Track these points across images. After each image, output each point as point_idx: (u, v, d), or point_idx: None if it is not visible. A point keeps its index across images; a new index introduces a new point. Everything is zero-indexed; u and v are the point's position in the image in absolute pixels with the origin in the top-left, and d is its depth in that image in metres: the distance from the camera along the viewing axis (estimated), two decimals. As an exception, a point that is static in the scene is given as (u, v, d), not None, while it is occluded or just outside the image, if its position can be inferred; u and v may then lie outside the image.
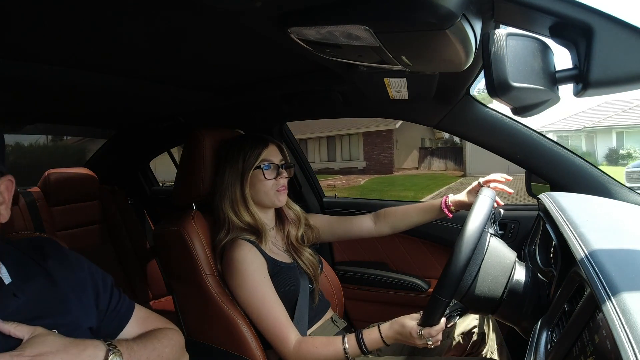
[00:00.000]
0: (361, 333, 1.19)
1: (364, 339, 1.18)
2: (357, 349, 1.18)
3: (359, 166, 18.24)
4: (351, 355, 1.18)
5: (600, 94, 0.64)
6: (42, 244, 0.86)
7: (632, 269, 0.69)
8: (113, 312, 0.90)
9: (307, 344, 1.20)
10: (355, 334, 1.20)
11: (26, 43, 0.96)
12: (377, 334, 1.19)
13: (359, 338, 1.18)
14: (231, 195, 1.30)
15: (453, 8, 0.61)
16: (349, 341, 1.19)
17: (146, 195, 2.78)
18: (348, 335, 1.20)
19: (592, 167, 1.33)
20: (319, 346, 1.20)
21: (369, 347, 1.18)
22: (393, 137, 17.71)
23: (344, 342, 1.18)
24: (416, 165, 19.28)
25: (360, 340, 1.18)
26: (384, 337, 1.18)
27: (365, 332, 1.20)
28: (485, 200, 1.08)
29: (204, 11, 0.80)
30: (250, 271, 1.22)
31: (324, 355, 1.19)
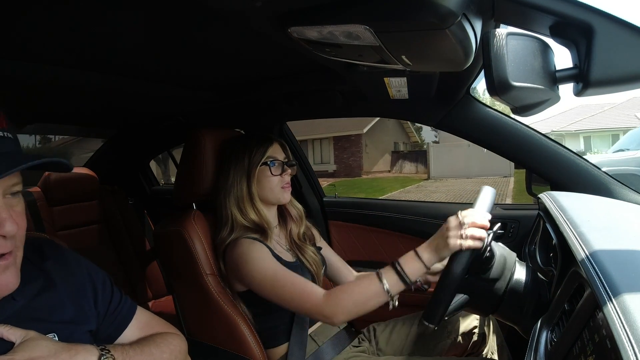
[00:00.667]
0: (398, 262, 1.10)
1: (402, 265, 1.09)
2: (396, 280, 1.08)
3: (329, 169, 18.77)
4: (392, 289, 1.08)
5: (601, 93, 0.64)
6: (41, 245, 0.86)
7: (633, 269, 0.69)
8: (113, 313, 0.89)
9: (338, 289, 1.15)
10: (391, 264, 1.10)
11: (26, 43, 0.96)
12: (411, 252, 1.10)
13: (395, 266, 1.09)
14: (237, 193, 1.30)
15: (453, 7, 0.61)
16: (386, 275, 1.09)
17: (146, 195, 2.77)
18: (383, 269, 1.11)
19: (593, 166, 1.33)
20: (352, 287, 1.13)
21: (410, 275, 1.08)
22: (362, 141, 18.39)
23: (381, 277, 1.09)
24: (388, 168, 19.78)
25: (398, 267, 1.09)
26: (418, 250, 1.09)
27: (400, 259, 1.10)
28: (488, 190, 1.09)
29: (204, 11, 0.80)
30: (257, 256, 1.22)
31: (361, 294, 1.11)
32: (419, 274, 1.09)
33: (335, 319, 1.12)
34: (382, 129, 19.38)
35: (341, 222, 1.94)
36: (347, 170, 18.39)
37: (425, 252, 1.08)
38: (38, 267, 0.80)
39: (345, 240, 1.92)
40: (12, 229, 0.67)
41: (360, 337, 1.44)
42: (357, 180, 16.74)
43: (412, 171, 18.92)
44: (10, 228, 0.67)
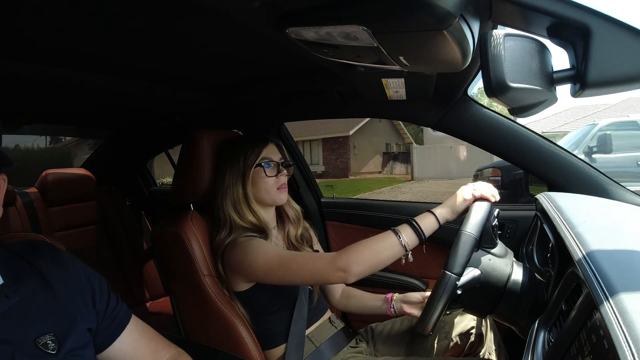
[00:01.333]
0: (414, 219, 1.15)
1: (417, 221, 1.14)
2: (413, 234, 1.13)
3: (318, 170, 18.95)
4: (410, 243, 1.12)
5: (598, 94, 0.64)
6: (37, 245, 0.85)
7: (630, 269, 0.69)
8: (110, 316, 0.88)
9: (352, 245, 1.14)
10: (407, 221, 1.15)
11: (23, 43, 0.95)
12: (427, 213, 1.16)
13: (411, 222, 1.14)
14: (233, 195, 1.30)
15: (451, 9, 0.61)
16: (402, 230, 1.13)
17: (144, 195, 2.77)
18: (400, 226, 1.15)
19: (590, 167, 1.33)
20: (367, 241, 1.14)
21: (425, 229, 1.13)
22: (349, 143, 18.58)
23: (397, 231, 1.13)
24: (379, 169, 19.99)
25: (414, 224, 1.13)
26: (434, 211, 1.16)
27: (417, 218, 1.16)
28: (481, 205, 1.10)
29: (202, 11, 0.80)
30: (255, 245, 1.22)
31: (376, 248, 1.13)
32: (432, 230, 1.15)
33: (350, 269, 1.09)
34: (372, 131, 19.60)
35: (339, 223, 1.94)
36: (335, 171, 18.58)
37: (439, 209, 1.16)
38: (32, 265, 0.80)
39: (343, 241, 1.92)
40: None
41: (358, 338, 1.44)
42: (340, 181, 16.89)
43: (403, 172, 19.07)
44: None
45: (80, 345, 0.79)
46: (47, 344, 0.74)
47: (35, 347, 0.73)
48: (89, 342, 0.83)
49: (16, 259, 0.80)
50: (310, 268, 1.15)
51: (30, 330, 0.74)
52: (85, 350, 0.80)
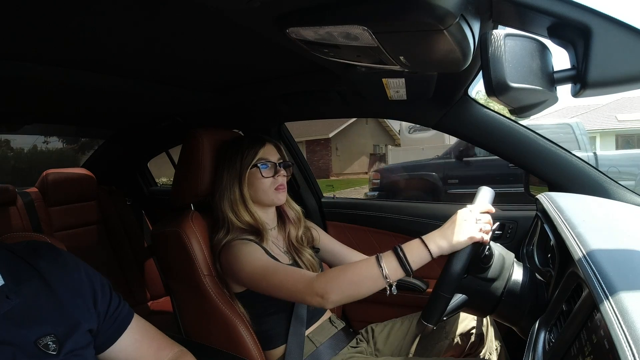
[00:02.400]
0: (400, 246, 1.03)
1: (404, 251, 1.02)
2: (397, 266, 1.01)
3: None
4: (391, 274, 1.01)
5: (598, 94, 0.64)
6: (39, 246, 0.85)
7: (630, 269, 0.69)
8: (112, 316, 0.89)
9: (333, 269, 1.10)
10: (393, 249, 1.04)
11: (24, 43, 0.95)
12: (417, 240, 1.03)
13: (397, 251, 1.02)
14: (230, 196, 1.30)
15: (451, 8, 0.61)
16: (385, 260, 1.02)
17: (144, 195, 2.77)
18: (384, 254, 1.04)
19: (590, 167, 1.33)
20: (348, 268, 1.07)
21: (413, 263, 1.01)
22: (330, 145, 18.74)
23: (380, 260, 1.02)
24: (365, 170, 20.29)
25: (400, 253, 1.02)
26: (425, 239, 1.03)
27: (404, 245, 1.03)
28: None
29: (202, 11, 0.80)
30: (246, 252, 1.22)
31: (356, 276, 1.04)
32: (422, 263, 1.02)
33: (327, 297, 1.04)
34: (357, 132, 19.81)
35: (339, 223, 1.94)
36: (317, 172, 18.80)
37: (434, 241, 1.02)
38: (33, 267, 0.80)
39: (343, 241, 1.90)
40: None
41: (358, 338, 1.44)
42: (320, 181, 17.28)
43: (388, 172, 19.33)
44: None
45: (80, 346, 0.79)
46: (48, 344, 0.74)
47: (36, 348, 0.73)
48: (90, 342, 0.83)
49: (17, 260, 0.80)
50: (289, 286, 1.10)
51: (31, 332, 0.74)
52: (85, 350, 0.80)
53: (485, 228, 1.02)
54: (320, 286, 1.05)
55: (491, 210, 1.07)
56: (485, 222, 1.03)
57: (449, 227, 1.03)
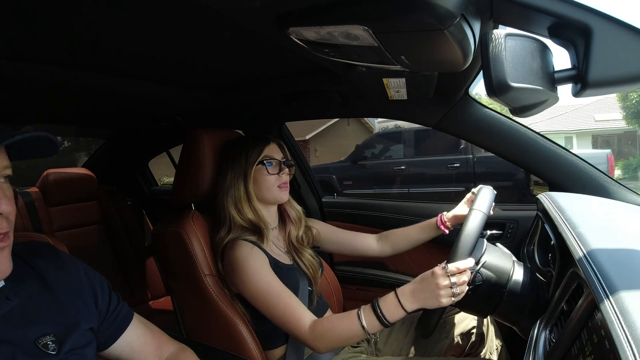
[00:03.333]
0: (378, 303, 1.09)
1: (382, 309, 1.07)
2: (376, 322, 1.08)
3: None
4: (371, 331, 1.08)
5: (599, 94, 0.64)
6: (38, 247, 0.85)
7: (631, 269, 0.69)
8: (112, 315, 0.89)
9: (322, 324, 1.15)
10: (372, 304, 1.10)
11: (25, 43, 0.95)
12: (393, 297, 1.08)
13: (376, 309, 1.08)
14: (234, 193, 1.31)
15: (452, 8, 0.61)
16: (365, 315, 1.08)
17: (145, 195, 2.77)
18: (364, 308, 1.10)
19: (591, 167, 1.33)
20: (334, 325, 1.13)
21: (390, 319, 1.07)
22: (309, 146, 18.94)
23: (360, 317, 1.08)
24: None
25: (379, 312, 1.07)
26: (401, 297, 1.07)
27: (381, 301, 1.09)
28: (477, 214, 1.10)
29: (203, 11, 0.80)
30: (253, 266, 1.21)
31: (341, 334, 1.11)
32: (399, 317, 1.08)
33: (316, 350, 1.16)
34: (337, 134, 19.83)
35: (339, 223, 1.94)
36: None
37: (408, 301, 1.06)
38: (33, 267, 0.80)
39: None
40: (7, 207, 0.69)
41: (359, 338, 1.44)
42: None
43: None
44: (6, 207, 0.69)
45: (81, 345, 0.80)
46: (48, 344, 0.75)
47: (36, 348, 0.73)
48: (91, 341, 0.83)
49: (17, 261, 0.80)
50: (283, 323, 1.17)
51: (30, 332, 0.74)
52: (86, 349, 0.81)
53: (459, 291, 1.01)
54: (310, 341, 1.14)
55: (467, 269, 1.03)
56: (460, 284, 1.01)
57: (422, 291, 1.05)
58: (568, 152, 1.35)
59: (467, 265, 1.02)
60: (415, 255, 1.80)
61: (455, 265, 1.02)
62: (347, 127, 19.40)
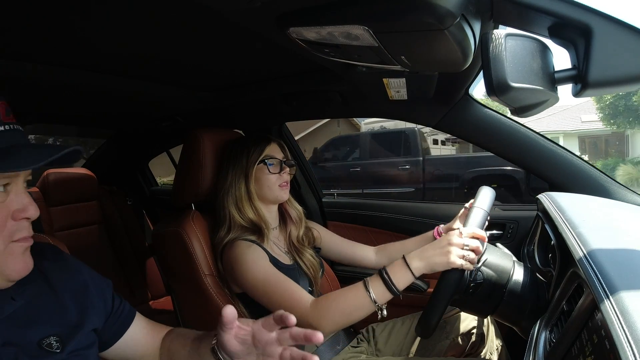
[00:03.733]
0: (385, 269, 1.06)
1: (389, 275, 1.04)
2: (384, 290, 1.04)
3: None
4: (379, 299, 1.04)
5: (599, 94, 0.64)
6: (41, 248, 0.86)
7: (631, 269, 0.69)
8: (115, 315, 0.90)
9: (325, 299, 1.12)
10: (379, 272, 1.06)
11: (25, 43, 0.95)
12: (400, 261, 1.05)
13: (383, 275, 1.04)
14: (235, 193, 1.31)
15: (452, 8, 0.61)
16: (372, 284, 1.05)
17: (145, 195, 2.77)
18: (371, 278, 1.07)
19: (591, 167, 1.33)
20: (338, 298, 1.09)
21: (398, 285, 1.04)
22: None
23: (367, 286, 1.05)
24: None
25: (386, 277, 1.04)
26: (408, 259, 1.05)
27: (389, 267, 1.06)
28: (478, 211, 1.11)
29: (204, 11, 0.80)
30: (251, 258, 1.22)
31: (346, 306, 1.07)
32: (408, 283, 1.05)
33: (320, 328, 1.05)
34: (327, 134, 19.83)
35: (340, 223, 1.94)
36: None
37: (415, 261, 1.05)
38: (37, 268, 0.80)
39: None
40: (37, 212, 0.70)
41: (359, 338, 1.44)
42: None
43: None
44: (35, 211, 0.70)
45: (84, 346, 0.80)
46: (51, 344, 0.75)
47: (39, 349, 0.74)
48: (93, 342, 0.84)
49: None
50: (286, 306, 1.10)
51: (34, 333, 0.74)
52: (88, 350, 0.81)
53: (470, 256, 1.01)
54: (314, 318, 1.08)
55: (482, 236, 1.04)
56: (471, 249, 1.02)
57: (432, 248, 1.05)
58: (568, 152, 1.35)
59: (481, 233, 1.04)
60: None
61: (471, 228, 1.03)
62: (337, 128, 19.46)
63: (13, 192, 0.69)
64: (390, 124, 8.04)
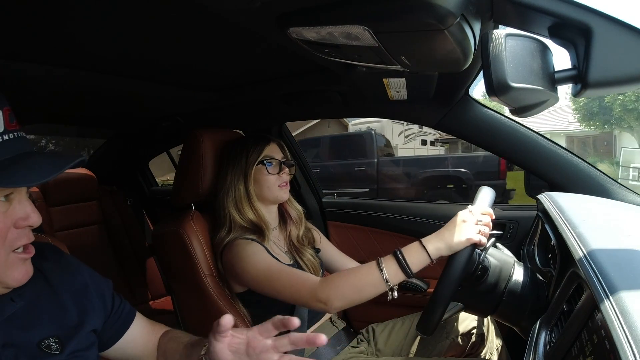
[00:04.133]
0: (400, 250, 1.05)
1: (405, 256, 1.04)
2: (397, 270, 1.04)
3: None
4: (391, 278, 1.04)
5: (599, 94, 0.64)
6: (42, 248, 0.85)
7: (631, 269, 0.69)
8: (115, 315, 0.90)
9: (335, 276, 1.12)
10: (393, 253, 1.06)
11: (25, 43, 0.95)
12: (417, 243, 1.05)
13: (397, 256, 1.04)
14: (234, 193, 1.31)
15: (452, 8, 0.61)
16: (386, 263, 1.04)
17: (145, 195, 2.77)
18: (385, 258, 1.06)
19: (591, 167, 1.33)
20: (349, 275, 1.09)
21: (412, 266, 1.03)
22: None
23: (381, 265, 1.04)
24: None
25: (400, 257, 1.04)
26: (425, 242, 1.05)
27: (404, 249, 1.06)
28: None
29: (204, 11, 0.80)
30: (250, 252, 1.22)
31: (357, 282, 1.06)
32: (422, 265, 1.04)
33: (330, 304, 1.06)
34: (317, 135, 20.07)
35: (340, 223, 1.94)
36: None
37: (432, 243, 1.04)
38: (37, 268, 0.80)
39: (344, 241, 1.92)
40: (39, 220, 0.70)
41: (359, 338, 1.44)
42: None
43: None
44: (37, 219, 0.70)
45: (83, 347, 0.80)
46: (51, 345, 0.75)
47: (39, 350, 0.73)
48: (94, 343, 0.84)
49: None
50: (292, 291, 1.12)
51: (34, 334, 0.74)
52: (88, 351, 0.81)
53: (484, 230, 1.04)
54: (323, 293, 1.07)
55: (491, 213, 1.08)
56: (484, 224, 1.05)
57: (447, 229, 1.06)
58: (568, 152, 1.35)
59: (489, 210, 1.07)
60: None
61: (479, 205, 1.07)
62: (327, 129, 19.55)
63: (16, 201, 0.69)
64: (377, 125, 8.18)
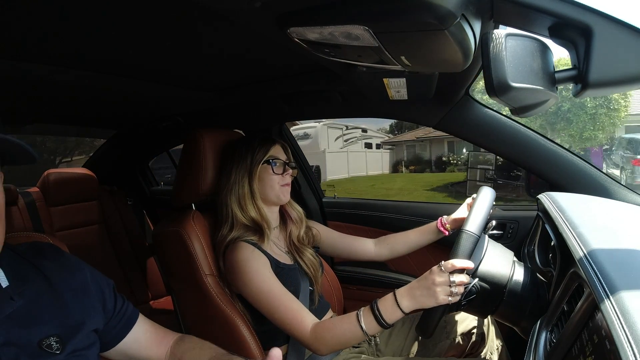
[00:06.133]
0: (376, 304, 1.10)
1: (380, 310, 1.09)
2: (374, 324, 1.09)
3: None
4: (370, 332, 1.10)
5: (599, 94, 0.64)
6: (42, 247, 0.85)
7: (631, 269, 0.69)
8: (118, 315, 0.90)
9: (323, 327, 1.16)
10: (370, 305, 1.11)
11: (26, 43, 0.96)
12: (391, 298, 1.09)
13: (374, 310, 1.09)
14: (238, 190, 1.31)
15: (452, 8, 0.61)
16: (364, 317, 1.10)
17: (145, 195, 2.77)
18: (364, 310, 1.12)
19: (592, 167, 1.33)
20: (335, 327, 1.14)
21: (388, 320, 1.08)
22: None
23: (360, 319, 1.10)
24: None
25: (377, 312, 1.09)
26: (398, 297, 1.08)
27: (380, 302, 1.10)
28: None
29: (203, 11, 0.80)
30: (254, 269, 1.22)
31: (341, 336, 1.12)
32: (397, 318, 1.09)
33: (319, 353, 1.17)
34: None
35: (340, 223, 1.94)
36: None
37: (406, 300, 1.08)
38: (38, 268, 0.80)
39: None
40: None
41: (360, 338, 1.44)
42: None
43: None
44: None
45: (84, 346, 0.80)
46: (51, 344, 0.75)
47: (39, 349, 0.73)
48: (94, 342, 0.83)
49: (21, 261, 0.80)
50: (286, 327, 1.18)
51: (34, 333, 0.74)
52: (88, 350, 0.81)
53: (457, 291, 1.03)
54: (312, 345, 1.16)
55: (469, 267, 1.04)
56: (457, 284, 1.03)
57: (418, 288, 1.07)
58: (568, 152, 1.35)
59: (463, 264, 1.03)
60: (415, 255, 1.79)
61: (451, 262, 1.03)
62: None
63: None
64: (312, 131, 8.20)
